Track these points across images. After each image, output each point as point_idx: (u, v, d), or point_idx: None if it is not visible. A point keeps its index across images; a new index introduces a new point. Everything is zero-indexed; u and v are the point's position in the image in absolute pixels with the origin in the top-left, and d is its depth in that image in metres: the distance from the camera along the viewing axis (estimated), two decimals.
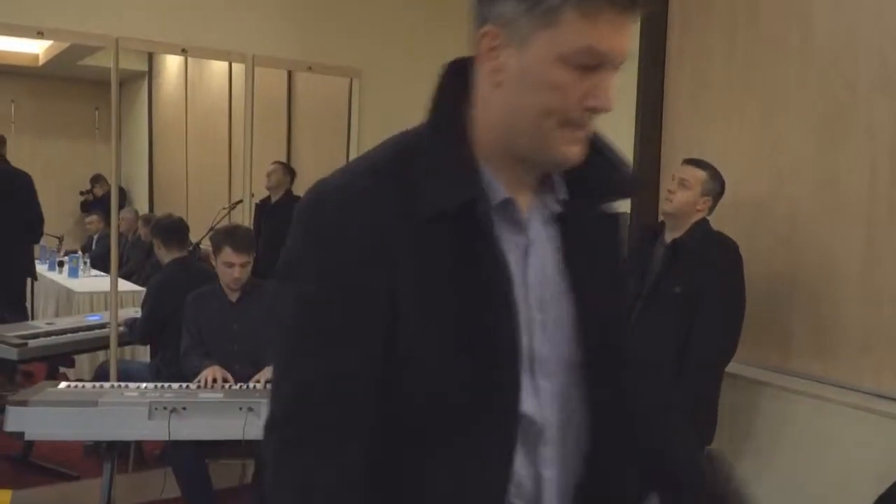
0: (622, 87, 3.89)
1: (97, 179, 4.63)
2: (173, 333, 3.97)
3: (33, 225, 4.40)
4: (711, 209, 3.15)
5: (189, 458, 3.49)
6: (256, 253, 3.72)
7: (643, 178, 3.77)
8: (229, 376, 3.45)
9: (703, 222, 3.13)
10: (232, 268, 3.62)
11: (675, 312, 2.98)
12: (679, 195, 3.09)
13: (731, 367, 3.51)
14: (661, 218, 3.38)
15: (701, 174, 3.12)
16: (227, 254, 3.61)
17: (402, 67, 4.95)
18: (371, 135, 4.85)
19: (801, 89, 3.35)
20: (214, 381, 3.39)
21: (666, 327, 2.98)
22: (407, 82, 4.95)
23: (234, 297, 3.74)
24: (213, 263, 3.73)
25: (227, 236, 3.65)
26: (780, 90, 3.43)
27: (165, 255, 4.23)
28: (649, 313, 3.01)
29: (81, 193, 4.71)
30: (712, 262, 3.01)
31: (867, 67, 3.12)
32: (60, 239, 4.67)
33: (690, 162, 3.20)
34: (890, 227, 3.06)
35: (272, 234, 3.76)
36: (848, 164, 3.18)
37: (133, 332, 4.23)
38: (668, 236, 3.15)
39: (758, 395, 3.44)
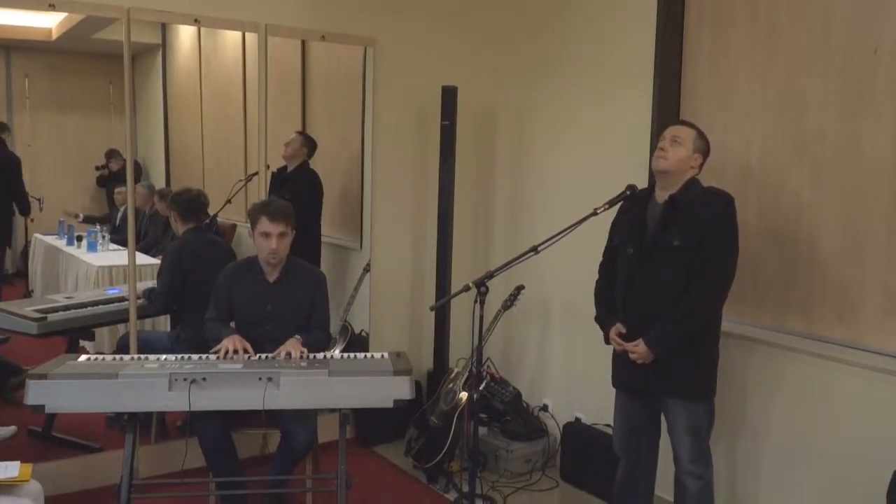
0: (640, 52, 3.91)
1: (112, 154, 4.63)
2: (193, 300, 3.98)
3: (21, 202, 4.49)
4: (701, 168, 3.17)
5: (214, 428, 3.51)
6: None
7: None
8: (249, 346, 3.44)
9: (696, 180, 3.15)
10: (269, 238, 3.57)
11: (674, 263, 3.05)
12: (673, 152, 3.10)
13: (752, 332, 3.51)
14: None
15: (692, 132, 3.15)
16: (264, 223, 3.56)
17: (417, 35, 4.91)
18: (386, 104, 4.83)
19: (823, 52, 3.29)
20: (236, 352, 3.39)
21: (666, 277, 3.06)
22: (422, 50, 4.93)
23: (272, 276, 3.71)
24: (252, 239, 3.70)
25: (262, 207, 3.61)
26: (802, 54, 3.37)
27: (181, 227, 4.25)
28: (649, 266, 3.10)
29: (97, 168, 4.71)
30: (710, 213, 3.05)
31: (889, 29, 3.06)
32: (40, 200, 4.63)
33: (678, 122, 3.28)
34: None
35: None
36: (871, 126, 3.13)
37: (153, 302, 4.25)
38: (661, 195, 3.15)
39: (781, 360, 3.43)
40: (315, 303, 3.75)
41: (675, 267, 3.04)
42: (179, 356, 3.33)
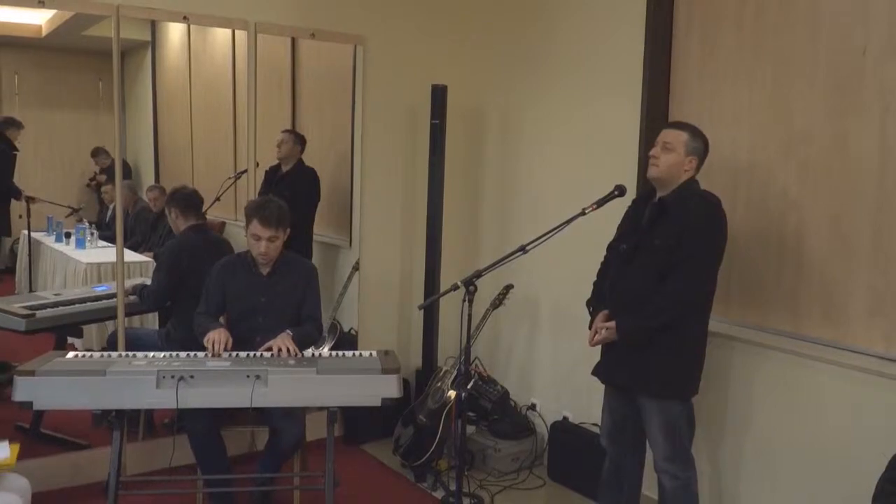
0: (630, 52, 3.91)
1: (98, 153, 4.60)
2: (187, 299, 3.97)
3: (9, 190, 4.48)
4: (698, 168, 3.18)
5: (203, 425, 3.51)
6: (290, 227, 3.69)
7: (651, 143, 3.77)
8: (230, 342, 3.45)
9: (692, 182, 3.17)
10: (259, 241, 3.59)
11: (653, 262, 3.09)
12: (664, 158, 3.13)
13: (739, 332, 3.52)
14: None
15: (683, 135, 3.15)
16: (255, 226, 3.58)
17: (407, 34, 4.91)
18: (376, 102, 4.83)
19: (811, 54, 3.31)
20: (225, 348, 3.40)
21: (644, 275, 3.11)
22: (412, 49, 4.93)
23: (265, 270, 3.72)
24: (245, 235, 3.71)
25: (257, 209, 3.60)
26: (790, 55, 3.39)
27: (183, 224, 4.24)
28: (632, 265, 3.16)
29: (90, 179, 4.68)
30: (690, 215, 3.07)
31: (876, 31, 3.08)
32: (76, 210, 4.65)
33: (671, 125, 3.27)
34: None
35: None
36: (858, 127, 3.15)
37: (145, 299, 4.24)
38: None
39: (766, 360, 3.44)
40: (306, 294, 3.76)
41: (653, 265, 3.08)
42: (167, 353, 3.33)
